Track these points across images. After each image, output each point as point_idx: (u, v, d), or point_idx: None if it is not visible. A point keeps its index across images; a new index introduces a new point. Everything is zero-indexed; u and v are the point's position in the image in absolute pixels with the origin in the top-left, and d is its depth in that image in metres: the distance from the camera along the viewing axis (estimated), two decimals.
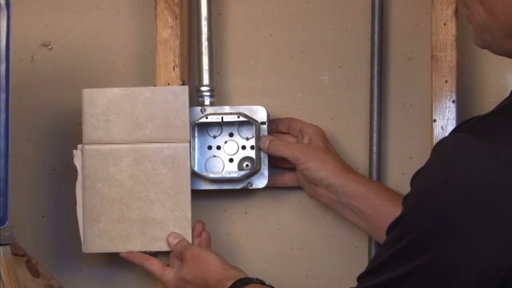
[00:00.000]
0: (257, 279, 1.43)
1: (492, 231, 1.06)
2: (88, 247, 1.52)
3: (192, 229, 1.51)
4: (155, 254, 1.52)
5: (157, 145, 1.50)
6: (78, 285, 1.63)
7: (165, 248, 1.51)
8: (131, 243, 1.52)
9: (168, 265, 1.50)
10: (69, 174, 1.55)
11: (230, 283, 1.40)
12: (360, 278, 1.17)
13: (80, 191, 1.51)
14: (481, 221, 1.06)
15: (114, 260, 1.57)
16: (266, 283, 1.42)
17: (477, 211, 1.06)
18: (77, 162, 1.51)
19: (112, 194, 1.51)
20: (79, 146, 1.51)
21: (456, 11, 1.50)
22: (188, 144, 1.50)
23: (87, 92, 1.51)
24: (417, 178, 1.14)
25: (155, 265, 1.51)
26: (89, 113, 1.51)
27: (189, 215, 1.50)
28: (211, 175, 1.55)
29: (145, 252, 1.52)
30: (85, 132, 1.51)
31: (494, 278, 1.06)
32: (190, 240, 1.50)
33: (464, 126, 1.15)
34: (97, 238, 1.52)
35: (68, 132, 1.60)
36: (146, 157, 1.51)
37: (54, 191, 1.63)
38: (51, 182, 1.64)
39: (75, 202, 1.52)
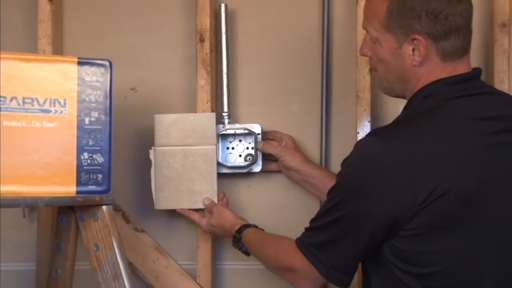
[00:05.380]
0: (254, 225, 1.73)
1: (383, 197, 1.30)
2: (158, 206, 1.82)
3: (218, 196, 1.81)
4: (196, 210, 1.82)
5: (197, 147, 1.79)
6: (152, 227, 1.91)
7: (201, 206, 1.80)
8: (183, 203, 1.81)
9: (203, 216, 1.81)
10: (147, 163, 1.83)
11: (238, 227, 1.72)
12: (311, 222, 1.44)
13: (153, 173, 1.81)
14: (376, 191, 1.31)
15: (173, 213, 1.87)
16: (259, 227, 1.72)
17: (374, 184, 1.30)
18: (152, 157, 1.80)
19: (171, 176, 1.79)
20: (153, 147, 1.80)
21: (370, 69, 1.76)
22: (215, 146, 1.80)
23: (157, 117, 1.81)
24: (344, 163, 1.39)
25: (195, 216, 1.82)
26: (158, 128, 1.80)
27: (215, 188, 1.81)
28: (228, 164, 1.85)
29: (190, 209, 1.82)
30: (155, 139, 1.80)
31: (386, 223, 1.32)
32: (216, 201, 1.80)
33: (373, 131, 1.41)
34: (163, 201, 1.81)
35: (147, 139, 1.87)
36: (190, 154, 1.78)
37: (139, 173, 1.92)
38: (137, 168, 1.92)
39: (150, 179, 1.81)
